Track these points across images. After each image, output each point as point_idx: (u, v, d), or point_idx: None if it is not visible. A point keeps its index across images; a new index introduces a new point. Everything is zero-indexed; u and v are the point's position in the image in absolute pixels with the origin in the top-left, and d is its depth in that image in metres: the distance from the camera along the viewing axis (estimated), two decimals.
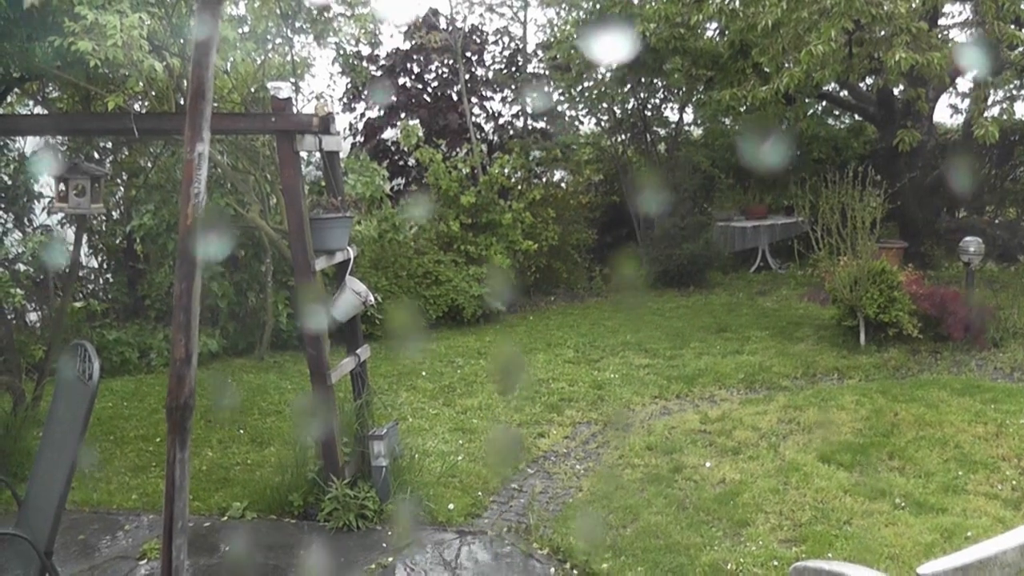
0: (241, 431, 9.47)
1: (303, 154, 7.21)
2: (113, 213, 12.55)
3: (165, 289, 12.25)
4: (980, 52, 12.16)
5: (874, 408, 9.24)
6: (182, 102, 7.87)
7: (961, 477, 7.53)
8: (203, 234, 2.15)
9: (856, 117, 18.78)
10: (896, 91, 15.70)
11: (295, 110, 7.48)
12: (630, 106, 18.49)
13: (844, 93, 17.30)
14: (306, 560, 6.77)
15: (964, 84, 15.59)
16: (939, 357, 11.16)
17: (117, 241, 12.80)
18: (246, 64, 8.36)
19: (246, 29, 8.40)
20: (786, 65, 12.62)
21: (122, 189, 12.47)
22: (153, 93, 7.71)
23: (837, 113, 19.20)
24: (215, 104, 7.78)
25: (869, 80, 16.18)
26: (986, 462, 7.79)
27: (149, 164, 11.97)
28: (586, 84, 17.79)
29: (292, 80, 9.51)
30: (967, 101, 15.70)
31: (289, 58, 9.53)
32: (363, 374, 7.82)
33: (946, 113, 18.13)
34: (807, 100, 17.02)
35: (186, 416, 2.21)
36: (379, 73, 17.55)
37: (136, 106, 7.72)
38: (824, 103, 18.50)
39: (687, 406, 9.95)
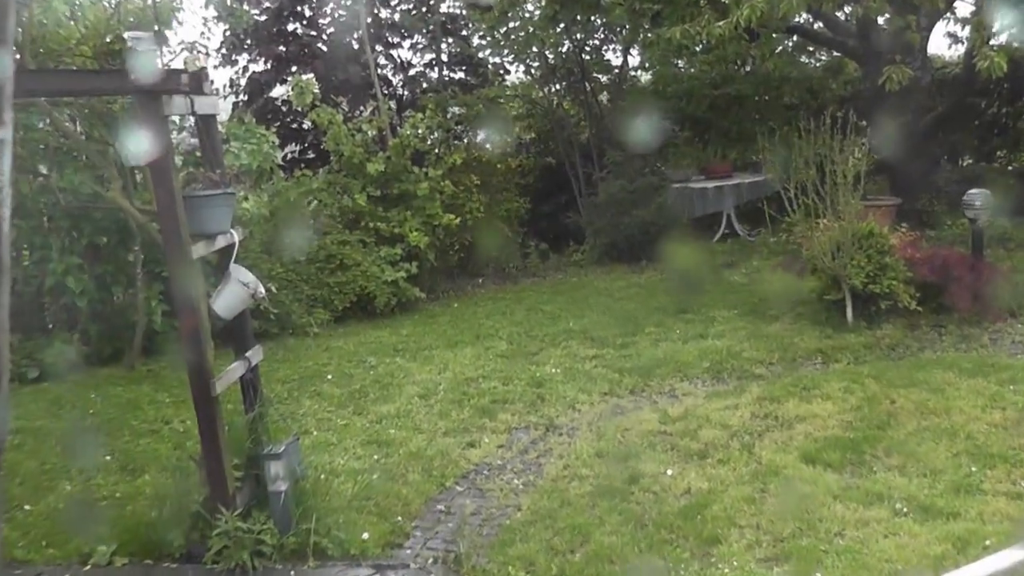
0: (108, 457, 9.30)
1: (172, 119, 7.09)
2: None
3: None
4: None
5: (866, 396, 9.28)
6: None
7: (975, 474, 7.54)
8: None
9: (834, 53, 18.84)
10: (881, 20, 15.70)
11: (160, 65, 7.34)
12: (564, 49, 18.47)
13: (819, 25, 17.33)
14: None
15: (964, 8, 15.53)
16: (943, 332, 11.25)
17: None
18: (96, 9, 8.20)
19: None
20: None
21: None
22: None
23: (811, 49, 19.27)
24: (65, 60, 7.65)
25: (847, 9, 16.20)
26: (1005, 455, 7.77)
27: None
28: (511, 25, 17.73)
29: (156, 28, 9.38)
30: (968, 29, 15.61)
31: (151, 1, 9.39)
32: (255, 381, 7.71)
33: (943, 44, 18.19)
34: (774, 36, 17.05)
35: None
36: (263, 18, 17.40)
37: None
38: (795, 38, 18.55)
39: (643, 403, 9.95)
